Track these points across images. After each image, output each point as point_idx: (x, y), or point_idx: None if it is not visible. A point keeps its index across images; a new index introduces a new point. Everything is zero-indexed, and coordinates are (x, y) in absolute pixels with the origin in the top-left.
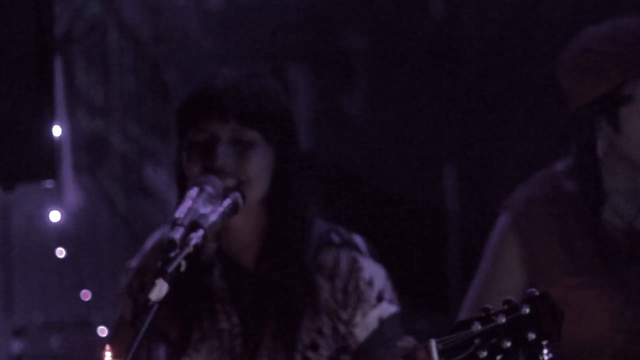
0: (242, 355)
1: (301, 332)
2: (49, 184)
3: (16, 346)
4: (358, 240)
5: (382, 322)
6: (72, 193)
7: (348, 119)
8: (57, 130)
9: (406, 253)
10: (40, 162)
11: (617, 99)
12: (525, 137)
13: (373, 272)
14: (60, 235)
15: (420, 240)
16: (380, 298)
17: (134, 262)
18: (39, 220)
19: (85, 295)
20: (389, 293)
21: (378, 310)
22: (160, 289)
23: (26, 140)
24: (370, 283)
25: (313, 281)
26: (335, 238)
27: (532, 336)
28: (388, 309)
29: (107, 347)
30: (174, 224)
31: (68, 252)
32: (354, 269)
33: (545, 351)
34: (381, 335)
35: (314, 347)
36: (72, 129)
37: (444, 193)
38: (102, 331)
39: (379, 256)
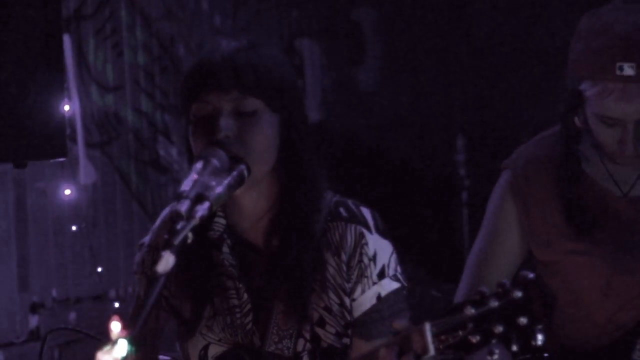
0: (253, 332)
1: (310, 309)
2: (61, 160)
3: (33, 321)
4: (367, 214)
5: (381, 299)
6: (85, 170)
7: (360, 92)
8: (67, 108)
9: (419, 224)
10: (51, 140)
11: (579, 95)
12: (536, 107)
13: (378, 247)
14: (74, 211)
15: (434, 211)
16: (382, 274)
17: (145, 239)
18: (52, 197)
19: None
20: (392, 269)
21: (378, 287)
22: (167, 261)
23: (37, 118)
24: (373, 258)
25: (321, 257)
26: (343, 212)
27: (523, 321)
28: (389, 285)
29: (116, 317)
30: (180, 196)
31: (82, 228)
32: (360, 243)
33: (539, 336)
34: (378, 312)
35: (322, 323)
36: (84, 106)
37: (457, 164)
38: (117, 306)
39: (389, 230)
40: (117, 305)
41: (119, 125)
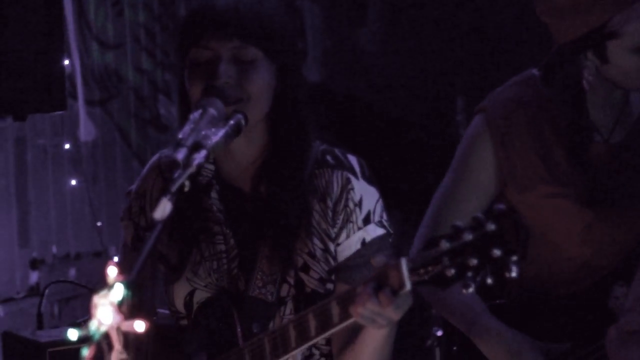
0: (238, 277)
1: (294, 254)
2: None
3: (33, 277)
4: (353, 161)
5: (365, 245)
6: (85, 126)
7: (360, 53)
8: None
9: (419, 183)
10: (50, 94)
11: (603, 34)
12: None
13: (364, 192)
14: (74, 167)
15: (433, 171)
16: (367, 220)
17: (132, 187)
18: (52, 153)
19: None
20: (378, 215)
21: (363, 232)
22: (164, 208)
23: (37, 72)
24: (359, 204)
25: (307, 204)
26: (330, 159)
27: (497, 253)
28: (374, 231)
29: (112, 263)
30: (177, 144)
31: (82, 184)
32: (346, 188)
33: (513, 268)
34: (362, 257)
35: (306, 269)
36: (84, 63)
37: (457, 124)
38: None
39: (375, 177)
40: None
41: (119, 83)
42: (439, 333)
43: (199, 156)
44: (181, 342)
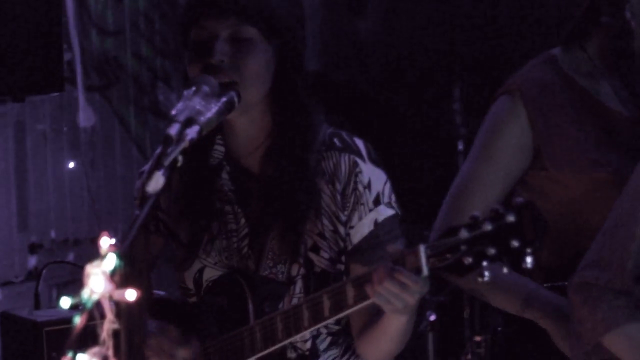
0: (248, 256)
1: (304, 235)
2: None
3: (32, 261)
4: (360, 144)
5: (377, 225)
6: (84, 112)
7: (360, 42)
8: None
9: (416, 171)
10: (48, 76)
11: None
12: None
13: (372, 175)
14: (74, 154)
15: (430, 159)
16: (377, 201)
17: (145, 167)
18: (51, 138)
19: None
20: (387, 197)
21: (374, 213)
22: (156, 181)
23: (35, 55)
24: (368, 186)
25: (316, 185)
26: (337, 142)
27: (515, 244)
28: (385, 211)
29: (105, 232)
30: (171, 120)
31: (82, 170)
32: (354, 172)
33: (528, 259)
34: (376, 238)
35: (316, 249)
36: (84, 50)
37: (453, 113)
38: None
39: (382, 160)
40: None
41: (118, 69)
42: (432, 317)
43: (192, 131)
44: (191, 318)
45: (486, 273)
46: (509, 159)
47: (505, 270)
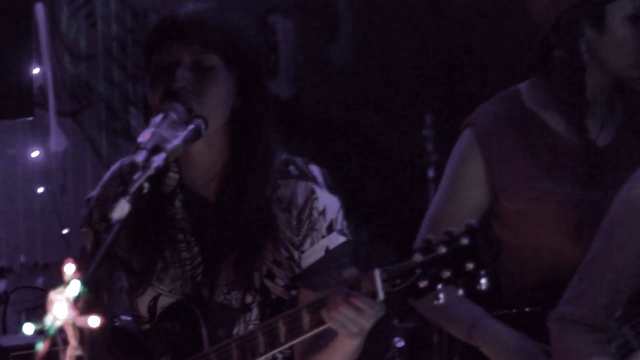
0: (203, 284)
1: (259, 262)
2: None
3: (1, 285)
4: (315, 171)
5: (329, 252)
6: (56, 137)
7: (333, 68)
8: (37, 70)
9: (388, 198)
10: (19, 100)
11: None
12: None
13: (327, 202)
14: (44, 177)
15: (401, 186)
16: (330, 228)
17: (93, 193)
18: (22, 163)
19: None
20: (339, 224)
21: (326, 240)
22: (122, 209)
23: (6, 79)
24: (323, 213)
25: (272, 213)
26: (293, 170)
27: (470, 266)
28: (337, 239)
29: (69, 260)
30: (137, 147)
31: (52, 195)
32: (311, 199)
33: (483, 281)
34: (325, 265)
35: (271, 276)
36: (56, 73)
37: (424, 139)
38: None
39: (336, 187)
40: None
41: (90, 94)
42: (400, 344)
43: (158, 159)
44: (145, 346)
45: (441, 296)
46: (471, 191)
47: (460, 292)
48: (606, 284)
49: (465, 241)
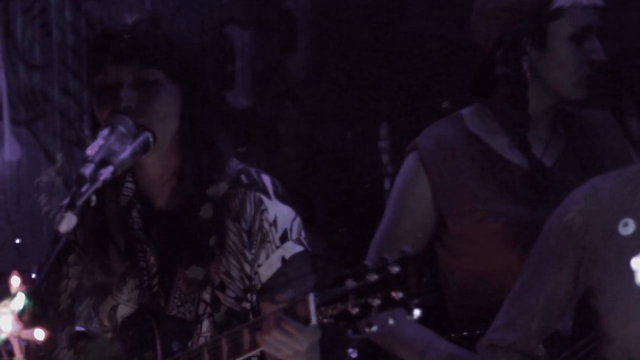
0: (159, 294)
1: (210, 273)
2: None
3: None
4: (266, 180)
5: (285, 262)
6: (10, 146)
7: (290, 80)
8: None
9: (344, 210)
10: None
11: (546, 14)
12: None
13: (278, 212)
14: None
15: (358, 198)
16: (284, 238)
17: (65, 202)
18: None
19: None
20: (295, 233)
21: (282, 250)
22: (69, 221)
23: None
24: (274, 223)
25: (222, 223)
26: (244, 179)
27: (398, 295)
28: (293, 248)
29: (15, 272)
30: (85, 160)
31: (6, 203)
32: (259, 210)
33: (415, 311)
34: (284, 275)
35: (222, 288)
36: (11, 83)
37: (380, 151)
38: None
39: (290, 196)
40: None
41: (45, 103)
42: (354, 355)
43: (106, 172)
44: (102, 357)
45: (374, 323)
46: (418, 215)
47: (391, 322)
48: (540, 309)
49: (395, 269)
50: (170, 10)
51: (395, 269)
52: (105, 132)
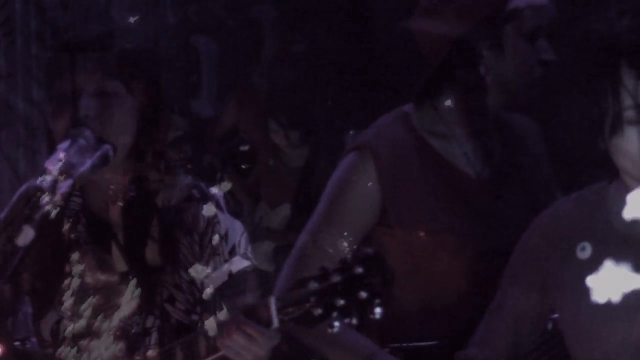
0: (105, 307)
1: (160, 286)
2: None
3: None
4: (218, 195)
5: (232, 276)
6: None
7: (254, 88)
8: None
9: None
10: None
11: (502, 16)
12: None
13: (229, 226)
14: None
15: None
16: (233, 252)
17: (1, 214)
18: None
19: None
20: (243, 248)
21: (229, 264)
22: (26, 235)
23: None
24: (225, 237)
25: (173, 237)
26: (196, 193)
27: (363, 295)
28: (240, 263)
29: None
30: (44, 172)
31: None
32: (212, 223)
33: (377, 310)
34: (230, 288)
35: (171, 300)
36: None
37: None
38: None
39: (240, 211)
40: None
41: (9, 112)
42: None
43: (65, 185)
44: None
45: (336, 324)
46: (359, 214)
47: (354, 321)
48: (509, 329)
49: (359, 270)
50: (136, 20)
51: (359, 269)
52: (65, 144)
